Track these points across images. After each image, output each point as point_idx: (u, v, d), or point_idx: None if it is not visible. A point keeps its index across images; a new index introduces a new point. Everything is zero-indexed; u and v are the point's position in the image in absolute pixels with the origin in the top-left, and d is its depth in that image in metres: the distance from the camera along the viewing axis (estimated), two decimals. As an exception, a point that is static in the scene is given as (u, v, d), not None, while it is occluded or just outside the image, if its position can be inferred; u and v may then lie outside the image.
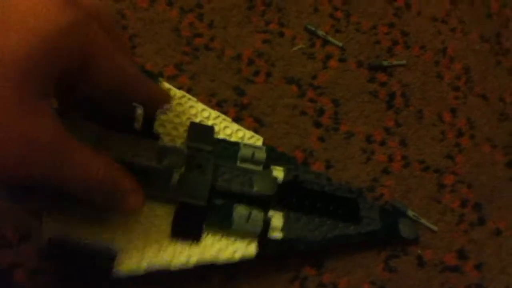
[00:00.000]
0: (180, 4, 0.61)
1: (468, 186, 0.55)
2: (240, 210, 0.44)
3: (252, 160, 0.48)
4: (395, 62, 0.61)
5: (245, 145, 0.49)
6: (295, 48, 0.61)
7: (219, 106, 0.55)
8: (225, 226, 0.44)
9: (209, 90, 0.56)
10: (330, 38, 0.62)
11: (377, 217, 0.49)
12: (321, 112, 0.57)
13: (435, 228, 0.52)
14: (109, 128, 0.43)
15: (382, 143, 0.56)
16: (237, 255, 0.44)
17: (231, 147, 0.49)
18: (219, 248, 0.44)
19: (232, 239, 0.44)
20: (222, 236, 0.44)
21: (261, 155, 0.48)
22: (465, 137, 0.58)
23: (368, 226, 0.49)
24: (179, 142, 0.47)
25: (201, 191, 0.44)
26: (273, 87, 0.58)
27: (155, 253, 0.41)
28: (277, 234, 0.45)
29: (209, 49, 0.59)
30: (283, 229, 0.46)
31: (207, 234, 0.44)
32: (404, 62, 0.62)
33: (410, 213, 0.52)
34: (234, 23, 0.61)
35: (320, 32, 0.62)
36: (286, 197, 0.47)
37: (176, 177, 0.43)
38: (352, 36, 0.63)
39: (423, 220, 0.52)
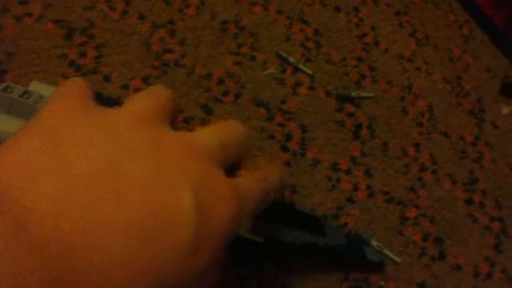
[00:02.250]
0: (153, 18, 0.59)
1: (429, 220, 0.54)
2: None
3: None
4: (363, 94, 0.61)
5: None
6: (265, 72, 0.59)
7: (186, 122, 0.53)
8: None
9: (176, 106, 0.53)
10: (301, 66, 0.61)
11: (343, 236, 0.47)
12: (288, 137, 0.55)
13: (398, 259, 0.51)
14: None
15: (348, 172, 0.55)
16: None
17: None
18: None
19: None
20: None
21: None
22: (427, 172, 0.58)
23: (335, 240, 0.47)
24: None
25: None
26: (242, 108, 0.56)
27: None
28: (244, 233, 0.43)
29: (179, 66, 0.57)
30: (251, 230, 0.43)
31: None
32: (371, 94, 0.62)
33: (374, 243, 0.50)
34: (206, 43, 0.60)
35: (292, 59, 0.61)
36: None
37: None
38: (322, 66, 0.63)
39: (386, 251, 0.50)
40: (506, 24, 0.76)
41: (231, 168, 0.37)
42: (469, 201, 0.57)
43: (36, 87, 0.42)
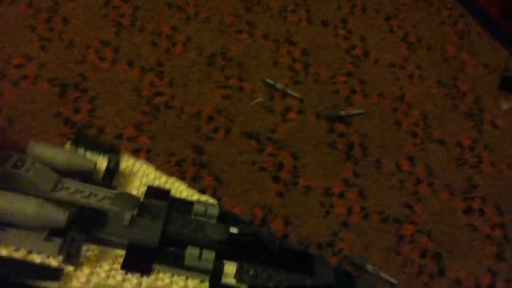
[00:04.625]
0: (141, 63, 0.60)
1: (427, 235, 0.53)
2: (191, 250, 0.43)
3: (205, 215, 0.47)
4: (352, 112, 0.60)
5: (199, 202, 0.47)
6: (254, 102, 0.59)
7: (178, 165, 0.53)
8: (177, 264, 0.42)
9: (168, 149, 0.54)
10: (289, 90, 0.60)
11: (332, 274, 0.47)
12: (280, 166, 0.55)
13: (394, 281, 0.50)
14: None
15: (341, 195, 0.54)
16: (190, 285, 0.42)
17: (186, 204, 0.48)
18: (171, 280, 0.42)
19: (184, 277, 0.43)
20: (174, 274, 0.43)
21: (214, 211, 0.47)
22: (423, 185, 0.56)
23: (323, 279, 0.46)
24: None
25: (152, 233, 0.43)
26: (232, 143, 0.56)
27: (103, 279, 0.40)
28: (229, 280, 0.43)
29: (169, 108, 0.57)
30: (236, 276, 0.43)
31: (159, 272, 0.42)
32: (362, 111, 0.60)
33: (369, 267, 0.50)
34: (194, 80, 0.60)
35: (279, 85, 0.60)
36: (240, 249, 0.45)
37: (127, 217, 0.42)
38: (311, 87, 0.62)
39: (382, 274, 0.50)
40: (501, 14, 0.71)
41: None
42: (468, 210, 0.55)
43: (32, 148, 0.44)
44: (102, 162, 0.47)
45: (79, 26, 0.61)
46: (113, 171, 0.46)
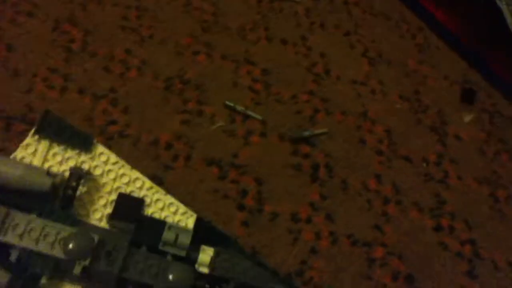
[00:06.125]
0: (93, 90, 0.56)
1: (398, 257, 0.52)
2: None
3: (175, 244, 0.44)
4: (316, 132, 0.58)
5: (170, 227, 0.45)
6: (214, 127, 0.57)
7: (136, 198, 0.50)
8: None
9: (124, 182, 0.51)
10: (250, 113, 0.58)
11: None
12: (244, 193, 0.53)
13: (367, 308, 0.48)
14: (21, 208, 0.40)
15: (308, 221, 0.52)
16: None
17: (156, 227, 0.45)
18: None
19: None
20: None
21: (185, 240, 0.44)
22: (391, 204, 0.55)
23: None
24: (96, 217, 0.44)
25: (106, 282, 0.40)
26: (193, 171, 0.53)
27: None
28: None
29: (123, 137, 0.54)
30: None
31: None
32: (326, 130, 0.58)
33: (341, 295, 0.48)
34: (150, 106, 0.57)
35: (239, 108, 0.58)
36: None
37: (78, 269, 0.39)
38: (273, 107, 0.60)
39: (354, 301, 0.48)
40: (462, 30, 0.72)
41: None
42: (437, 228, 0.54)
43: None
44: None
45: (25, 53, 0.57)
46: (74, 189, 0.43)
